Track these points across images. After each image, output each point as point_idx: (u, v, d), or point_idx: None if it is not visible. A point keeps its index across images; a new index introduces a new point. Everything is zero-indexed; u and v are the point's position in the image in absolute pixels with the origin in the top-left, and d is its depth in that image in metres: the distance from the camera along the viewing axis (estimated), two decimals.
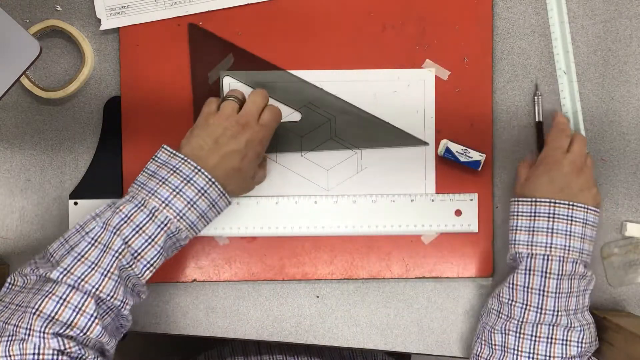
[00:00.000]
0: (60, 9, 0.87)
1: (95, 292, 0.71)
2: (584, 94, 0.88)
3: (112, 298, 0.72)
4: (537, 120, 0.87)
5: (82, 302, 0.70)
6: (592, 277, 0.80)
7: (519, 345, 0.78)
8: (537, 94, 0.87)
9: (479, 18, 0.87)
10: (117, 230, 0.73)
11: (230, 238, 0.88)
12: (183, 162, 0.76)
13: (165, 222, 0.75)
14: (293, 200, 0.87)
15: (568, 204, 0.78)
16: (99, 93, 0.88)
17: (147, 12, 0.86)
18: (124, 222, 0.74)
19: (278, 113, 0.83)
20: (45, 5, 0.87)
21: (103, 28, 0.87)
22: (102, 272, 0.72)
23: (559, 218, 0.78)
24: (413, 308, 0.89)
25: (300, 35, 0.87)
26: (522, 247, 0.80)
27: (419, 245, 0.88)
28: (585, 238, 0.79)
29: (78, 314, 0.70)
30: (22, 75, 0.71)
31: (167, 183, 0.75)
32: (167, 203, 0.75)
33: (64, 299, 0.70)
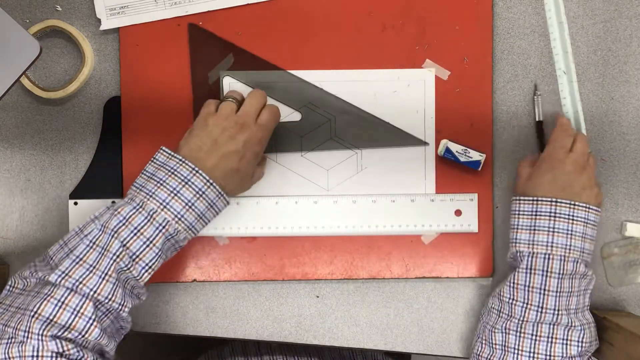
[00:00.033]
0: (60, 9, 0.87)
1: (93, 294, 0.71)
2: (584, 94, 0.88)
3: (110, 300, 0.72)
4: (537, 120, 0.87)
5: (80, 304, 0.70)
6: (592, 276, 0.81)
7: (520, 345, 0.78)
8: (536, 94, 0.87)
9: (479, 18, 0.87)
10: (115, 233, 0.73)
11: (230, 238, 0.88)
12: (181, 163, 0.76)
13: (164, 224, 0.75)
14: (293, 200, 0.87)
15: (570, 203, 0.78)
16: (99, 93, 0.88)
17: (147, 12, 0.86)
18: (122, 224, 0.74)
19: (276, 113, 0.83)
20: (45, 5, 0.87)
21: (103, 28, 0.87)
22: (100, 274, 0.72)
23: (561, 217, 0.78)
24: (413, 308, 0.89)
25: (300, 35, 0.87)
26: (523, 245, 0.80)
27: (419, 245, 0.88)
28: (586, 237, 0.79)
29: (76, 317, 0.70)
30: (22, 75, 0.71)
31: (165, 185, 0.75)
32: (165, 205, 0.75)
33: (63, 302, 0.70)
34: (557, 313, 0.78)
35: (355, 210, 0.87)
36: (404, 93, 0.87)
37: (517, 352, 0.78)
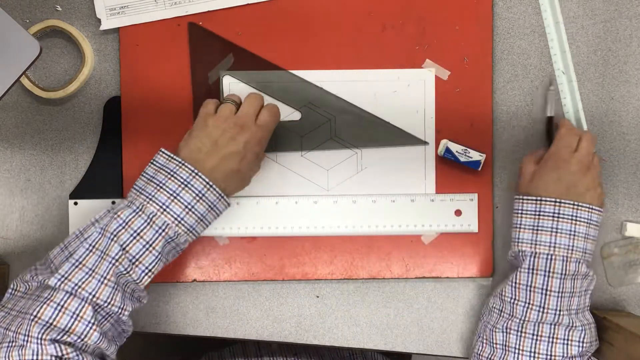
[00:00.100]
0: (60, 9, 0.87)
1: (92, 298, 0.71)
2: (584, 94, 0.88)
3: (109, 304, 0.72)
4: (547, 115, 0.87)
5: (79, 308, 0.70)
6: (593, 277, 0.81)
7: (520, 344, 0.78)
8: (550, 89, 0.87)
9: (479, 18, 0.87)
10: (114, 236, 0.73)
11: (230, 238, 0.88)
12: (180, 165, 0.76)
13: (164, 227, 0.75)
14: (293, 200, 0.87)
15: (573, 204, 0.78)
16: (99, 93, 0.88)
17: (147, 12, 0.86)
18: (122, 227, 0.74)
19: (276, 112, 0.83)
20: (45, 5, 0.87)
21: (103, 28, 0.87)
22: (99, 278, 0.72)
23: (564, 218, 0.78)
24: (413, 308, 0.89)
25: (300, 35, 0.87)
26: (525, 245, 0.80)
27: (419, 245, 0.88)
28: (589, 238, 0.79)
29: (76, 320, 0.70)
30: (22, 75, 0.71)
31: (164, 187, 0.75)
32: (164, 208, 0.75)
33: (62, 306, 0.70)
34: (558, 313, 0.78)
35: (355, 210, 0.87)
36: (404, 93, 0.87)
37: (517, 351, 0.78)
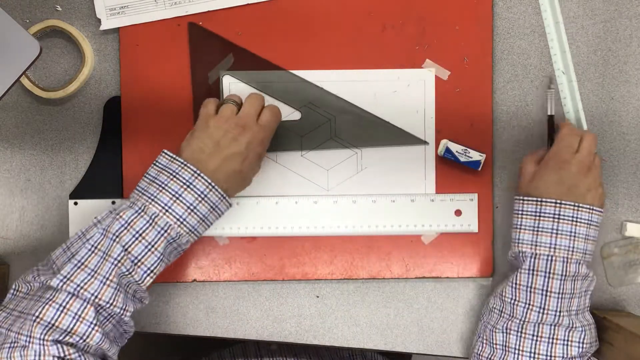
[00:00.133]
0: (60, 9, 0.87)
1: (95, 299, 0.71)
2: (584, 94, 0.88)
3: (111, 305, 0.72)
4: (548, 114, 0.87)
5: (81, 309, 0.70)
6: (593, 277, 0.81)
7: (520, 345, 0.78)
8: (550, 88, 0.87)
9: (479, 18, 0.87)
10: (116, 237, 0.73)
11: (230, 238, 0.88)
12: (182, 166, 0.76)
13: (166, 227, 0.75)
14: (293, 200, 0.87)
15: (573, 205, 0.78)
16: (99, 93, 0.88)
17: (147, 12, 0.86)
18: (124, 228, 0.74)
19: (277, 112, 0.83)
20: (45, 5, 0.87)
21: (103, 28, 0.87)
22: (101, 279, 0.72)
23: (564, 219, 0.78)
24: (413, 308, 0.89)
25: (300, 35, 0.87)
26: (525, 246, 0.80)
27: (419, 245, 0.88)
28: (589, 239, 0.79)
29: (78, 321, 0.70)
30: (22, 75, 0.71)
31: (166, 188, 0.75)
32: (167, 209, 0.75)
33: (64, 307, 0.70)
34: (558, 314, 0.78)
35: (355, 210, 0.87)
36: (404, 93, 0.87)
37: (517, 352, 0.78)
